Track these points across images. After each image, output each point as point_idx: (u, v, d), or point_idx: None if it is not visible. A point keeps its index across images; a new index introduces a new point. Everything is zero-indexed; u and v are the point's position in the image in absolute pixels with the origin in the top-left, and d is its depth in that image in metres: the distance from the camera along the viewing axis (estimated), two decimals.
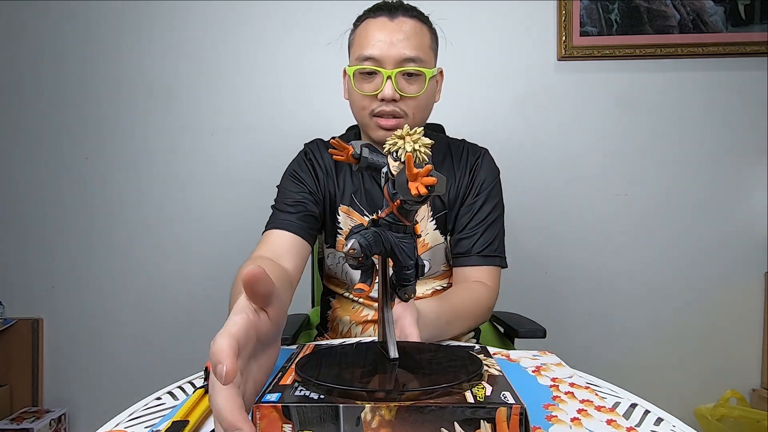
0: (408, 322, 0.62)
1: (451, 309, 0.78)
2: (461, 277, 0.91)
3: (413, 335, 0.61)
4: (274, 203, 0.92)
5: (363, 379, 0.40)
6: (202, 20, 1.69)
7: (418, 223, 0.46)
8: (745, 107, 1.62)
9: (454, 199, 0.94)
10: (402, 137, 0.44)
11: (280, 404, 0.35)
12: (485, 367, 0.44)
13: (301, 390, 0.38)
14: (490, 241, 0.92)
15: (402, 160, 0.43)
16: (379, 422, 0.34)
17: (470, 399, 0.36)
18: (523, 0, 1.63)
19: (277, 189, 0.94)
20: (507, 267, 0.94)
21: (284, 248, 0.83)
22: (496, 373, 0.43)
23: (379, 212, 0.47)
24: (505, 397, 0.37)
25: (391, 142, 0.45)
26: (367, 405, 0.34)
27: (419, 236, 0.47)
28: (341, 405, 0.35)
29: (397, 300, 0.55)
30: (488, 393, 0.38)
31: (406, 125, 0.46)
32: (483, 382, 0.41)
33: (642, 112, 1.64)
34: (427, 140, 0.43)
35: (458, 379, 0.39)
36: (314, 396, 0.37)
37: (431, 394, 0.36)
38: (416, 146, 0.42)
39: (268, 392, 0.38)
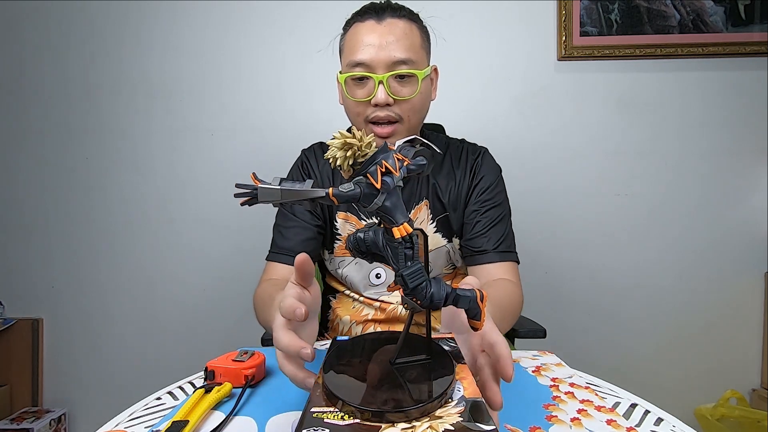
0: (489, 328, 0.50)
1: (498, 308, 0.74)
2: (482, 274, 0.89)
3: (500, 343, 0.48)
4: (275, 223, 0.95)
5: (352, 365, 0.47)
6: (203, 21, 1.69)
7: (398, 226, 0.43)
8: (745, 107, 1.62)
9: (455, 200, 0.93)
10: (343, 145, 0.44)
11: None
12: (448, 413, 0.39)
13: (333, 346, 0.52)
14: (503, 238, 0.91)
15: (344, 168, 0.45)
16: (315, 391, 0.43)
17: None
18: (523, 0, 1.63)
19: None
20: (519, 263, 0.93)
21: (286, 279, 0.86)
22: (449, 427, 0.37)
23: None
24: None
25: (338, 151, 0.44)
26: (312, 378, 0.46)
27: (401, 240, 0.43)
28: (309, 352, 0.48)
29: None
30: None
31: (356, 132, 0.44)
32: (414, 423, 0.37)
33: (642, 112, 1.64)
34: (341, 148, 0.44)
35: (384, 408, 0.38)
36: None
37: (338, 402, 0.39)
38: (337, 154, 0.44)
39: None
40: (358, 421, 0.37)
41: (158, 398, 0.57)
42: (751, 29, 1.59)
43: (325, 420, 0.37)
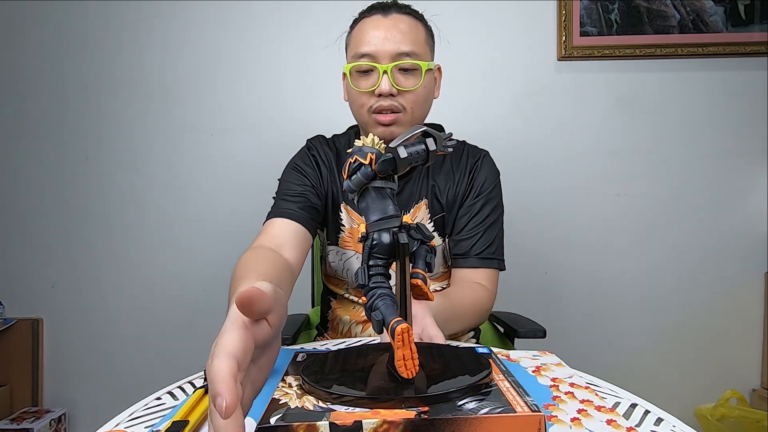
0: (429, 322, 0.62)
1: (451, 307, 0.78)
2: (459, 278, 0.92)
3: (438, 337, 0.60)
4: (275, 195, 0.91)
5: (357, 354, 0.50)
6: (202, 20, 1.68)
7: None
8: (745, 107, 1.62)
9: (452, 201, 0.94)
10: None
11: None
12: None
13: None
14: (488, 244, 0.92)
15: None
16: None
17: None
18: (523, 0, 1.63)
19: (278, 182, 0.94)
20: (505, 269, 0.94)
21: (286, 238, 0.81)
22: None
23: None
24: None
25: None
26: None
27: (361, 239, 0.45)
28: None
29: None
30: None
31: (371, 136, 0.47)
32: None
33: (642, 112, 1.64)
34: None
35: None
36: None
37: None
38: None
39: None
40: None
41: (158, 398, 0.57)
42: (751, 29, 1.59)
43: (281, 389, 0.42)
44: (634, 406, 0.53)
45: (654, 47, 1.60)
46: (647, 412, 0.51)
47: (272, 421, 0.35)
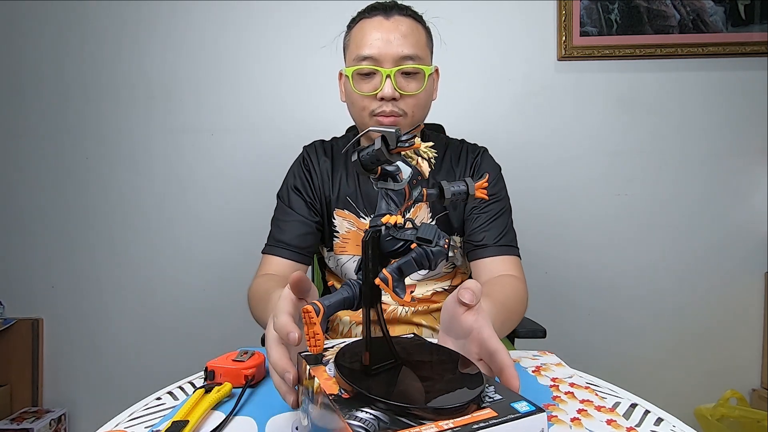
0: (487, 335, 0.48)
1: (503, 308, 0.72)
2: (484, 269, 0.89)
3: (499, 351, 0.46)
4: (273, 217, 0.95)
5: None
6: (203, 20, 1.68)
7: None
8: (745, 107, 1.62)
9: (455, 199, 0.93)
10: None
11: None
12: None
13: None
14: (504, 232, 0.91)
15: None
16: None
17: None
18: (523, 0, 1.63)
19: (277, 198, 0.96)
20: (521, 259, 0.93)
21: (283, 272, 0.88)
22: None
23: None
24: None
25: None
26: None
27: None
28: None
29: (464, 308, 0.51)
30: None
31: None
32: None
33: (642, 112, 1.64)
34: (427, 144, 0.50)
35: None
36: None
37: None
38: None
39: None
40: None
41: (158, 398, 0.57)
42: (751, 29, 1.59)
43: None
44: (634, 406, 0.53)
45: (654, 47, 1.60)
46: (647, 412, 0.51)
47: (302, 354, 0.47)
